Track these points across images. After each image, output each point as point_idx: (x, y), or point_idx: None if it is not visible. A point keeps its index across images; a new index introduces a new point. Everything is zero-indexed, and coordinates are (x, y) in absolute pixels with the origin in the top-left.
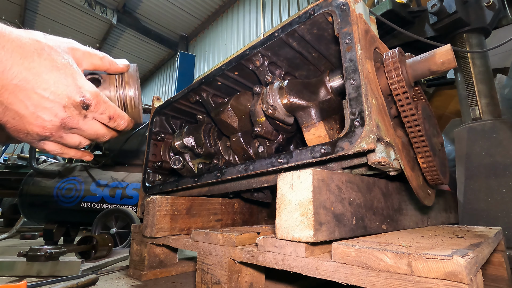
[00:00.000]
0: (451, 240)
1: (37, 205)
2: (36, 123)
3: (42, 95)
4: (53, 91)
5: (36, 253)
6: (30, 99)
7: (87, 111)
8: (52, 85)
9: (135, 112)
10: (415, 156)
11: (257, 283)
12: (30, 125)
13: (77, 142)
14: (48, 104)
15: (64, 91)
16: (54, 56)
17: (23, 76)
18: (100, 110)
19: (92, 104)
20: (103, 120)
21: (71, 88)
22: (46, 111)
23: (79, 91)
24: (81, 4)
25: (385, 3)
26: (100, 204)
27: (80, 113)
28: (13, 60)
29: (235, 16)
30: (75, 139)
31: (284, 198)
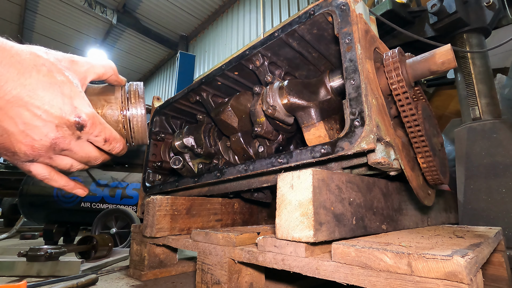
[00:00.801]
0: (451, 240)
1: (37, 205)
2: (25, 142)
3: (34, 113)
4: (46, 110)
5: (36, 253)
6: (21, 116)
7: (81, 132)
8: (46, 103)
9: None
10: (415, 156)
11: (257, 283)
12: (18, 143)
13: (68, 165)
14: (40, 123)
15: (58, 110)
16: (54, 72)
17: (17, 93)
18: (96, 132)
19: (87, 125)
20: (97, 143)
21: (67, 108)
22: (36, 130)
23: (74, 111)
24: (81, 4)
25: (385, 3)
26: (100, 204)
27: (73, 134)
28: (9, 75)
29: (235, 16)
30: (65, 161)
31: (284, 198)
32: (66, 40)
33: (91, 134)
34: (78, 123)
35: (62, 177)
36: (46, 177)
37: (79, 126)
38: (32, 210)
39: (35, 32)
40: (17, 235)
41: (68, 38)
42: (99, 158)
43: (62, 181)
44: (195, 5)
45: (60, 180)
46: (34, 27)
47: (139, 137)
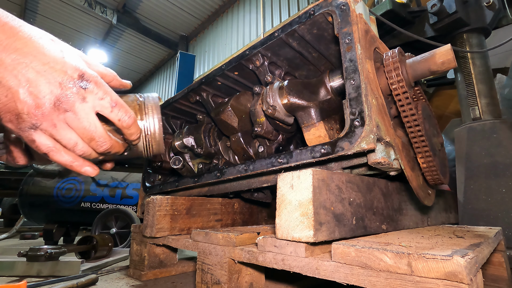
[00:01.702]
0: (451, 240)
1: (37, 205)
2: (29, 100)
3: (37, 69)
4: (50, 67)
5: (36, 253)
6: (24, 73)
7: (86, 91)
8: (51, 61)
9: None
10: (415, 156)
11: (257, 283)
12: (21, 103)
13: (72, 141)
14: (43, 79)
15: (62, 67)
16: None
17: (23, 51)
18: (100, 93)
19: (92, 83)
20: (104, 109)
21: (69, 66)
22: (39, 86)
23: (78, 69)
24: (81, 4)
25: (385, 3)
26: (100, 204)
27: (77, 93)
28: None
29: (235, 16)
30: (69, 135)
31: (284, 198)
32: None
33: (95, 95)
34: (81, 79)
35: (68, 152)
36: (51, 149)
37: (83, 85)
38: (32, 210)
39: None
40: (17, 235)
41: (68, 38)
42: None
43: (69, 156)
44: (195, 5)
45: (66, 154)
46: None
47: (156, 146)
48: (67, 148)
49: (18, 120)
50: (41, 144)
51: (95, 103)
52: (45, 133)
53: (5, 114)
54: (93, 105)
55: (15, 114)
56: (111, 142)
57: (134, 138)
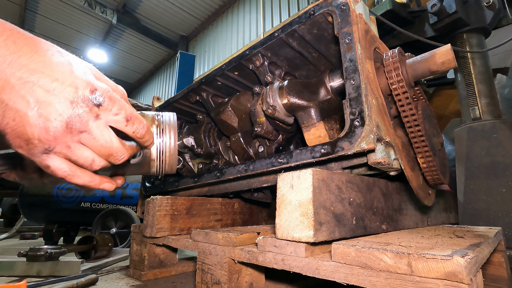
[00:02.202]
0: (451, 240)
1: (37, 205)
2: (38, 123)
3: (46, 88)
4: (59, 85)
5: (36, 253)
6: (32, 93)
7: (99, 108)
8: (59, 76)
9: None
10: (415, 156)
11: (257, 283)
12: (31, 126)
13: (90, 159)
14: (53, 98)
15: (73, 82)
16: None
17: (29, 68)
18: (115, 109)
19: (105, 99)
20: (119, 124)
21: (80, 81)
22: (49, 107)
23: (89, 85)
24: (81, 4)
25: (385, 3)
26: (100, 204)
27: (90, 111)
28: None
29: (235, 16)
30: (86, 154)
31: (284, 198)
32: (66, 40)
33: (110, 112)
34: (93, 95)
35: (84, 171)
36: (67, 173)
37: (96, 102)
38: (32, 210)
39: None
40: (17, 235)
41: (68, 38)
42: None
43: (86, 176)
44: (195, 5)
45: (83, 175)
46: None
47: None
48: (84, 167)
49: (28, 146)
50: (56, 169)
51: (108, 119)
52: (59, 156)
53: (14, 140)
54: (106, 121)
55: (24, 139)
56: (128, 153)
57: (147, 144)
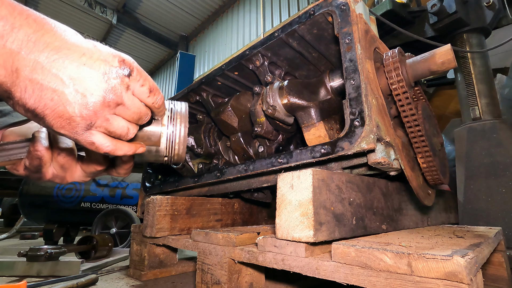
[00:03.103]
0: (451, 240)
1: (37, 205)
2: (77, 100)
3: (76, 63)
4: (88, 58)
5: (36, 253)
6: (64, 70)
7: (130, 79)
8: (86, 51)
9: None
10: (415, 156)
11: (257, 283)
12: (71, 105)
13: (125, 129)
14: (86, 73)
15: (100, 55)
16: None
17: (55, 45)
18: (141, 80)
19: (134, 70)
20: (143, 94)
21: (106, 54)
22: (84, 82)
23: (116, 55)
24: (81, 4)
25: (385, 3)
26: (100, 204)
27: (122, 82)
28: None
29: (235, 16)
30: (122, 124)
31: (284, 198)
32: None
33: (138, 82)
34: (123, 66)
35: (123, 142)
36: (111, 148)
37: (126, 72)
38: (32, 210)
39: None
40: (17, 235)
41: None
42: (147, 113)
43: (125, 146)
44: (195, 5)
45: (123, 146)
46: None
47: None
48: (121, 137)
49: (71, 125)
50: (101, 145)
51: (136, 89)
52: (100, 130)
53: (55, 121)
54: (133, 91)
55: (66, 118)
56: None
57: (161, 114)
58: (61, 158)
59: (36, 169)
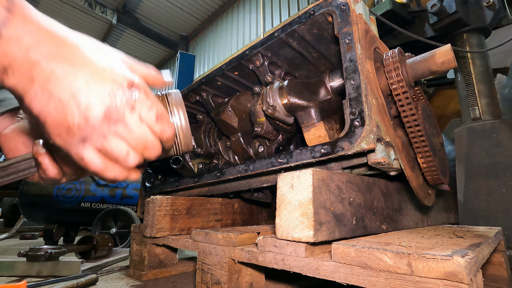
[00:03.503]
0: (451, 240)
1: (37, 205)
2: (79, 112)
3: (87, 79)
4: (98, 76)
5: (36, 253)
6: (75, 84)
7: (136, 100)
8: (99, 69)
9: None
10: (415, 156)
11: (257, 283)
12: (71, 115)
13: (124, 151)
14: (93, 89)
15: (111, 75)
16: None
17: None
18: (149, 103)
19: (141, 93)
20: (150, 120)
21: (118, 74)
22: (89, 97)
23: (126, 77)
24: (81, 4)
25: (385, 3)
26: (100, 204)
27: (127, 102)
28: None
29: (235, 16)
30: (121, 146)
31: (284, 198)
32: None
33: (144, 105)
34: (131, 88)
35: (115, 165)
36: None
37: (133, 94)
38: (32, 210)
39: None
40: (17, 235)
41: None
42: (157, 146)
43: (116, 170)
44: (195, 5)
45: (113, 169)
46: None
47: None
48: (118, 159)
49: (67, 134)
50: (90, 162)
51: (143, 112)
52: (95, 148)
53: (54, 129)
54: (140, 114)
55: (65, 127)
56: (159, 148)
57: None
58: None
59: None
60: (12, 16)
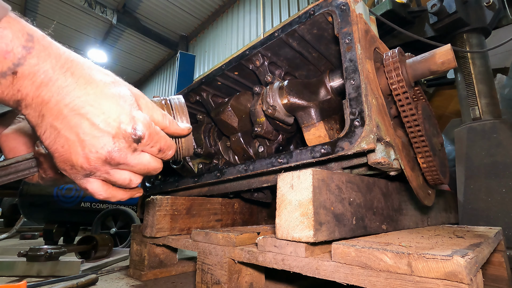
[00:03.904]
0: (451, 240)
1: (37, 205)
2: (82, 154)
3: (93, 121)
4: (104, 119)
5: (36, 253)
6: (80, 126)
7: (138, 144)
8: (105, 112)
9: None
10: (415, 156)
11: (257, 283)
12: (76, 155)
13: (127, 180)
14: (98, 133)
15: (116, 120)
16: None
17: (81, 100)
18: (152, 143)
19: (145, 137)
20: (152, 152)
21: (124, 118)
22: (93, 140)
23: (132, 121)
24: (81, 4)
25: (385, 3)
26: (100, 204)
27: (130, 146)
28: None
29: (235, 16)
30: (124, 176)
31: (284, 198)
32: (66, 40)
33: (147, 146)
34: (135, 134)
35: (119, 191)
36: (104, 196)
37: (136, 139)
38: (32, 210)
39: None
40: (17, 235)
41: (68, 38)
42: (158, 168)
43: (120, 195)
44: (195, 5)
45: (117, 195)
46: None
47: (186, 150)
48: (122, 186)
49: (72, 170)
50: (94, 191)
51: (145, 149)
52: (99, 179)
53: (60, 163)
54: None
55: (69, 165)
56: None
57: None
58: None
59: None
60: (30, 54)
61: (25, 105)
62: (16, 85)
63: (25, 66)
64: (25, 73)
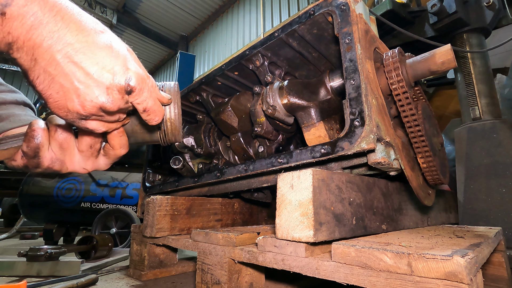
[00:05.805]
0: (451, 240)
1: (37, 205)
2: (78, 101)
3: (87, 71)
4: (99, 68)
5: (36, 253)
6: (75, 74)
7: (129, 96)
8: (100, 60)
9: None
10: (415, 156)
11: (257, 283)
12: (71, 102)
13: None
14: (92, 82)
15: (111, 70)
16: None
17: (74, 47)
18: (139, 99)
19: (136, 88)
20: (138, 107)
21: (118, 68)
22: (88, 89)
23: (126, 73)
24: (81, 4)
25: (385, 3)
26: (100, 204)
27: (122, 98)
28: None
29: (235, 16)
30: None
31: (284, 198)
32: None
33: (136, 100)
34: (128, 86)
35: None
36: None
37: (128, 89)
38: (32, 210)
39: None
40: (17, 235)
41: None
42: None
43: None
44: (195, 5)
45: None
46: None
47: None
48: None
49: (67, 115)
50: (95, 128)
51: (134, 102)
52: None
53: (55, 108)
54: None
55: (65, 110)
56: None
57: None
58: (58, 135)
59: (34, 153)
60: None
61: (17, 48)
62: (6, 27)
63: (13, 6)
64: (14, 14)
